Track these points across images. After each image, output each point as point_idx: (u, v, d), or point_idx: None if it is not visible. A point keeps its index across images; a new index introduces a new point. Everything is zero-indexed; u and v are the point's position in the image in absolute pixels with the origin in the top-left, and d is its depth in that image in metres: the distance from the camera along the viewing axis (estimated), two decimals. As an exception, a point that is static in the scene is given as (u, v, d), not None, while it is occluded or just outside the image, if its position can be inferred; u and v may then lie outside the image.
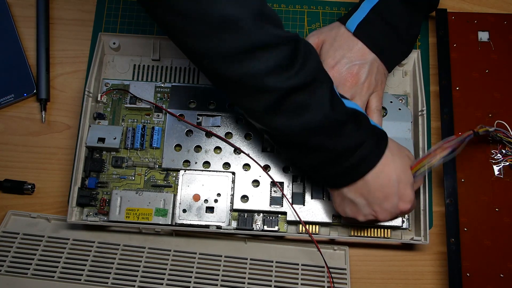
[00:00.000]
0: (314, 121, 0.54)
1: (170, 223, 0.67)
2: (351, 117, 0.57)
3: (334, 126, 0.56)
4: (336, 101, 0.56)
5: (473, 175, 0.71)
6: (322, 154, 0.57)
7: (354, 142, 0.57)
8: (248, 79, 0.52)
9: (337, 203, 0.63)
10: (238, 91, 0.55)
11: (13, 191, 0.73)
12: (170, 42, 0.73)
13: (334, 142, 0.56)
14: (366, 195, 0.59)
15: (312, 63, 0.54)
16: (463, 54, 0.76)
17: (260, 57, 0.51)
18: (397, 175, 0.59)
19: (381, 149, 0.59)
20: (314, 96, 0.54)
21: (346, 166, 0.57)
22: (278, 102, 0.53)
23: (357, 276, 0.71)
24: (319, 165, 0.59)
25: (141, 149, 0.71)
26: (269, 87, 0.52)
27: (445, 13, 0.78)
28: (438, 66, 0.76)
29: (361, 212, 0.61)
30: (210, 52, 0.51)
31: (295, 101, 0.53)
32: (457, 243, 0.68)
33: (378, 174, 0.58)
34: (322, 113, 0.55)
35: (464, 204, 0.70)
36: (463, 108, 0.73)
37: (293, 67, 0.52)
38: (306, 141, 0.56)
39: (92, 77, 0.71)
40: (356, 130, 0.57)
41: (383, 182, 0.58)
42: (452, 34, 0.77)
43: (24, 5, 0.81)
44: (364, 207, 0.60)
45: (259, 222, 0.69)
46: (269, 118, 0.55)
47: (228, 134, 0.71)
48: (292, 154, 0.61)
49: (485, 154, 0.72)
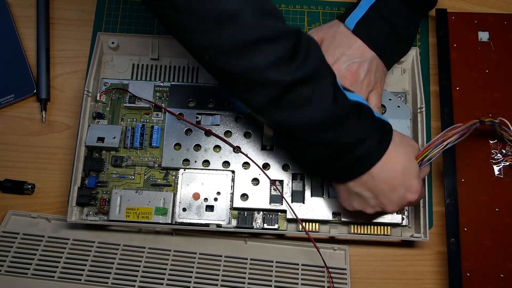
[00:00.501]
0: (317, 115, 0.54)
1: (170, 222, 0.67)
2: (354, 109, 0.57)
3: (337, 120, 0.55)
4: (339, 94, 0.56)
5: (473, 175, 0.71)
6: (326, 147, 0.57)
7: (358, 135, 0.56)
8: (250, 73, 0.52)
9: (343, 198, 0.63)
10: (240, 85, 0.55)
11: (13, 191, 0.73)
12: (169, 41, 0.74)
13: (338, 136, 0.56)
14: (373, 188, 0.59)
15: (314, 56, 0.54)
16: (463, 54, 0.76)
17: (262, 51, 0.51)
18: (402, 166, 0.59)
19: (385, 141, 0.58)
20: (317, 90, 0.54)
21: (350, 160, 0.57)
22: (281, 96, 0.53)
23: (357, 276, 0.70)
24: (324, 160, 0.58)
25: (141, 148, 0.71)
26: (271, 80, 0.52)
27: (445, 13, 0.78)
28: (438, 66, 0.76)
29: (369, 204, 0.61)
30: (211, 47, 0.51)
31: (298, 94, 0.53)
32: (457, 243, 0.68)
33: (384, 167, 0.58)
34: (325, 106, 0.54)
35: (464, 204, 0.70)
36: (463, 108, 0.73)
37: (295, 60, 0.52)
38: (310, 135, 0.56)
39: (91, 77, 0.71)
40: (359, 123, 0.57)
41: (389, 174, 0.58)
42: (452, 34, 0.77)
43: (24, 5, 0.81)
44: (371, 200, 0.60)
45: (259, 220, 0.69)
46: (272, 112, 0.55)
47: (228, 132, 0.71)
48: (296, 149, 0.61)
49: (485, 154, 0.72)
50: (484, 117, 0.66)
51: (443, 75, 0.75)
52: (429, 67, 0.78)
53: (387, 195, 0.59)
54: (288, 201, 0.68)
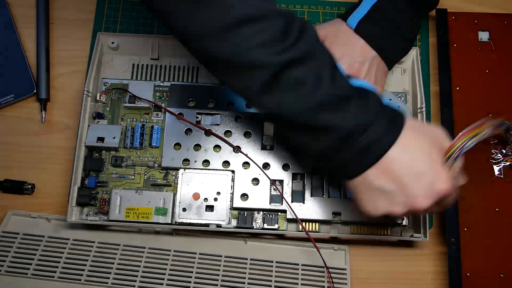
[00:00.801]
0: (314, 97, 0.51)
1: (170, 222, 0.67)
2: (357, 92, 0.53)
3: (337, 102, 0.52)
4: (338, 75, 0.53)
5: (473, 175, 0.71)
6: (331, 134, 0.52)
7: (364, 118, 0.52)
8: (239, 55, 0.50)
9: (365, 199, 0.55)
10: (230, 72, 0.53)
11: (13, 191, 0.73)
12: (169, 41, 0.75)
13: (341, 119, 0.52)
14: (396, 176, 0.52)
15: (309, 36, 0.52)
16: (463, 54, 0.76)
17: (248, 31, 0.49)
18: (424, 149, 0.53)
19: (398, 124, 0.53)
20: (312, 70, 0.51)
21: (361, 146, 0.52)
22: (273, 79, 0.51)
23: (357, 276, 0.70)
24: (331, 149, 0.53)
25: (141, 148, 0.71)
26: (260, 61, 0.50)
27: (445, 13, 0.78)
28: (438, 66, 0.76)
29: (396, 201, 0.53)
30: (196, 31, 0.50)
31: (291, 76, 0.51)
32: (457, 243, 0.68)
33: (402, 149, 0.52)
34: (322, 88, 0.51)
35: (464, 204, 0.70)
36: (463, 108, 0.73)
37: (286, 41, 0.50)
38: (311, 120, 0.52)
39: (91, 77, 0.71)
40: (364, 107, 0.52)
41: (411, 156, 0.52)
42: (452, 34, 0.77)
43: (24, 5, 0.81)
44: (397, 195, 0.53)
45: (259, 220, 0.69)
46: (267, 97, 0.52)
47: (228, 132, 0.71)
48: (300, 140, 0.57)
49: (485, 154, 0.72)
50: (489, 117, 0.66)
51: (443, 75, 0.75)
52: (429, 67, 0.78)
53: (413, 184, 0.52)
54: (288, 201, 0.68)
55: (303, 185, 0.69)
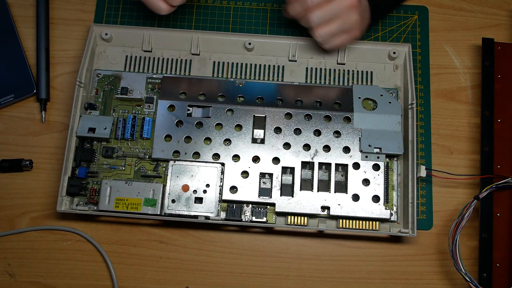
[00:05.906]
0: None
1: (159, 213, 0.67)
2: None
3: None
4: None
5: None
6: None
7: None
8: None
9: None
10: None
11: (12, 170, 0.73)
12: (162, 33, 0.75)
13: None
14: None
15: None
16: (508, 86, 0.75)
17: None
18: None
19: None
20: None
21: None
22: None
23: (357, 276, 0.71)
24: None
25: (132, 139, 0.72)
26: None
27: (491, 43, 0.76)
28: (482, 96, 0.75)
29: None
30: None
31: None
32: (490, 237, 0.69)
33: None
34: None
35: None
36: (504, 141, 0.73)
37: None
38: None
39: (83, 68, 0.72)
40: None
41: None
42: (497, 65, 0.76)
43: (24, 5, 0.81)
44: None
45: (248, 213, 0.69)
46: None
47: (218, 125, 0.71)
48: None
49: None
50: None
51: (486, 106, 0.74)
52: (429, 67, 0.78)
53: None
54: (277, 194, 0.68)
55: (292, 179, 0.69)
